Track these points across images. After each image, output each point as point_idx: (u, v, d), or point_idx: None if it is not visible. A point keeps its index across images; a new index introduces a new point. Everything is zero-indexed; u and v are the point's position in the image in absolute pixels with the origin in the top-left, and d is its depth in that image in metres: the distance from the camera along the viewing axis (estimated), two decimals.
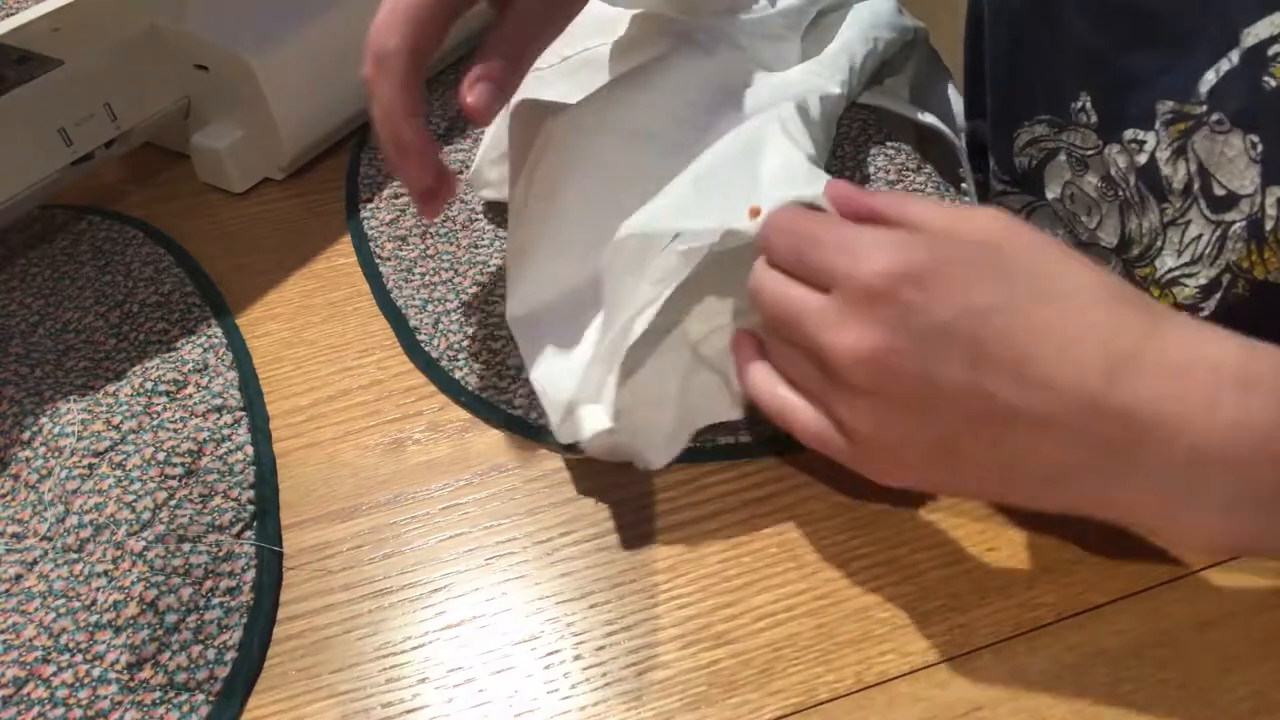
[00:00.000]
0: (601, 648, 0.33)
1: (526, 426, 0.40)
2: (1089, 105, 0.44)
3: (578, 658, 0.33)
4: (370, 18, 0.51)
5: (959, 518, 0.36)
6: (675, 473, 0.38)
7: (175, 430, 0.40)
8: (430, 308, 0.46)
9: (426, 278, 0.47)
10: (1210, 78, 0.39)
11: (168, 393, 0.42)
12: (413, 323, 0.45)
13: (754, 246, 0.34)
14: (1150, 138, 0.42)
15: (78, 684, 0.32)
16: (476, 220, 0.50)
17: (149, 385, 0.42)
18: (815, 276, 0.31)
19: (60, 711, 0.32)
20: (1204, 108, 0.40)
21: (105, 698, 0.32)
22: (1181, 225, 0.42)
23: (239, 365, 0.43)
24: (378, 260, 0.48)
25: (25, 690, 0.32)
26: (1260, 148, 0.38)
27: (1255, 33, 0.36)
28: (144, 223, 0.51)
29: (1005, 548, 0.35)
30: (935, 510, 0.36)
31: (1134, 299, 0.30)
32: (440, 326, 0.45)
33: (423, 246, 0.49)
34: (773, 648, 0.33)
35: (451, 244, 0.49)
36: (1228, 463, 0.28)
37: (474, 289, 0.46)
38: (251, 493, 0.38)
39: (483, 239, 0.49)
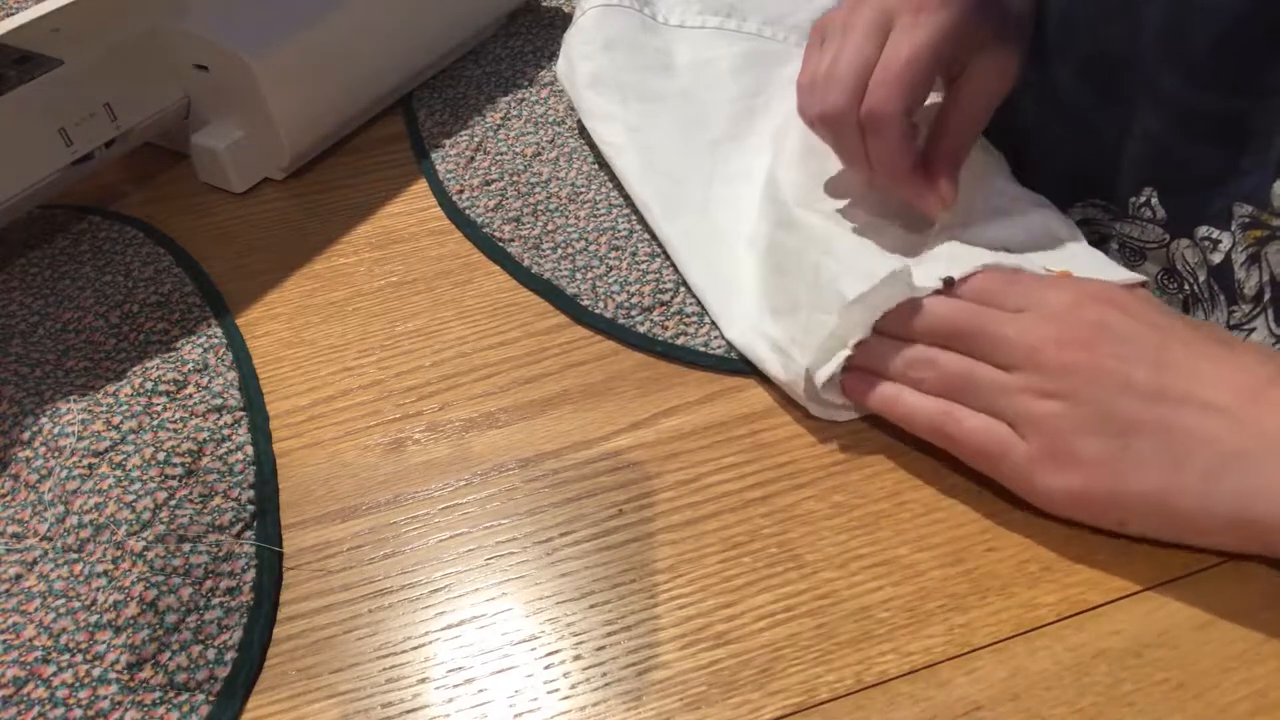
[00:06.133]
0: (601, 648, 0.33)
1: (734, 364, 0.42)
2: (1155, 200, 0.42)
3: (578, 658, 0.33)
4: (370, 18, 0.51)
5: (959, 518, 0.36)
6: (675, 473, 0.38)
7: (175, 430, 0.40)
8: (579, 275, 0.47)
9: (559, 250, 0.48)
10: None
11: (168, 393, 0.42)
12: (570, 291, 0.46)
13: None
14: (1226, 238, 0.40)
15: (78, 684, 0.32)
16: (581, 193, 0.51)
17: (149, 385, 0.42)
18: (1010, 302, 0.36)
19: (60, 711, 0.32)
20: (1279, 220, 0.38)
21: (105, 698, 0.32)
22: (1245, 331, 0.41)
23: (239, 365, 0.43)
24: (501, 242, 0.49)
25: (25, 690, 0.32)
26: None
27: None
28: (144, 223, 0.51)
29: (1005, 548, 0.35)
30: (935, 510, 0.36)
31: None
32: (599, 290, 0.46)
33: (541, 224, 0.50)
34: (773, 648, 0.33)
35: (566, 217, 0.50)
36: None
37: (610, 251, 0.48)
38: (251, 493, 0.38)
39: (598, 209, 0.50)
